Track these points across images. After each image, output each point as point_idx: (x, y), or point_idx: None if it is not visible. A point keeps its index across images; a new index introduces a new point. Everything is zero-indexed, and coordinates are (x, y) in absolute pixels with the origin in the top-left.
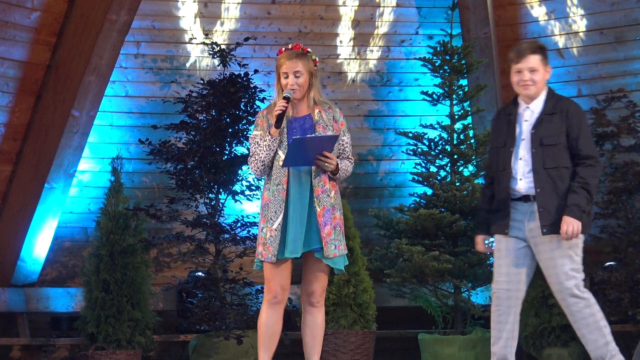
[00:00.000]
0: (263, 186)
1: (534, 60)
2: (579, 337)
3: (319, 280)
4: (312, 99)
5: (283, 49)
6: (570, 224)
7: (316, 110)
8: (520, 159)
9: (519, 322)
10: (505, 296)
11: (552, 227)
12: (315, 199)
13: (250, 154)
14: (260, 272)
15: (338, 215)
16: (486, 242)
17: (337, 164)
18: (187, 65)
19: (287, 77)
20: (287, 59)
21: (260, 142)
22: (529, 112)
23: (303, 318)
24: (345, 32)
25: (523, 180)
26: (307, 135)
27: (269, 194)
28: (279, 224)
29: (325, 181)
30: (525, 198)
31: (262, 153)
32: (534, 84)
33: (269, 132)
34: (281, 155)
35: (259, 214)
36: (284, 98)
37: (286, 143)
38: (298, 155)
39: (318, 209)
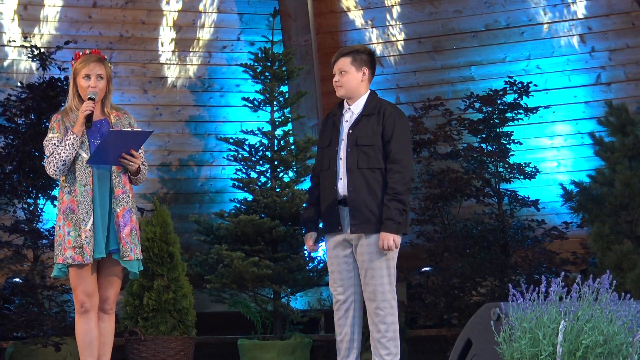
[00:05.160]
0: (60, 190)
1: (342, 62)
2: (371, 339)
3: (113, 285)
4: (108, 103)
5: (80, 53)
6: (386, 239)
7: (113, 115)
8: (341, 158)
9: (360, 325)
10: (342, 299)
11: (361, 226)
12: (114, 200)
13: (47, 155)
14: None
15: (134, 218)
16: (319, 243)
17: (140, 165)
18: (6, 68)
19: (89, 79)
20: (89, 61)
21: (60, 143)
22: (350, 113)
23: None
24: (166, 37)
25: (343, 179)
26: (123, 129)
27: (73, 197)
28: (92, 224)
29: (126, 182)
30: (344, 201)
31: (64, 152)
32: (341, 85)
33: (73, 131)
34: (84, 155)
35: (56, 218)
36: (90, 99)
37: (87, 144)
38: (107, 151)
39: (117, 210)
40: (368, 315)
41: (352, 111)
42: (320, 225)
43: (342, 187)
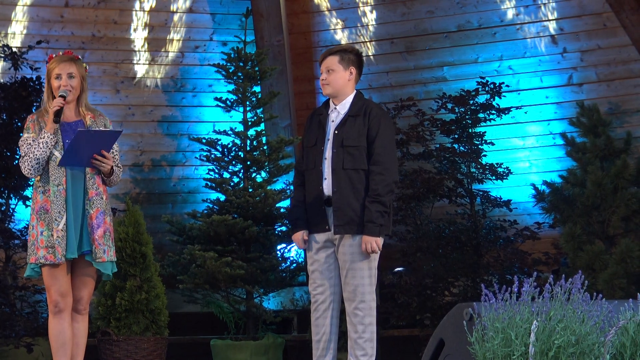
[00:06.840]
0: (34, 190)
1: (330, 60)
2: (348, 339)
3: (86, 286)
4: (84, 104)
5: (54, 54)
6: (368, 242)
7: (88, 116)
8: (326, 158)
9: (337, 325)
10: (321, 300)
11: (344, 227)
12: (87, 202)
13: (22, 154)
14: None
15: (108, 220)
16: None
17: (112, 167)
18: None
19: (60, 79)
20: (60, 61)
21: (34, 142)
22: (336, 113)
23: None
24: (139, 37)
25: (327, 179)
26: (92, 129)
27: (47, 196)
28: (64, 224)
29: (100, 184)
30: (329, 201)
31: (38, 151)
32: (328, 83)
33: (46, 129)
34: (57, 155)
35: (30, 218)
36: (61, 96)
37: (62, 144)
38: (78, 152)
39: (91, 211)
40: (347, 315)
41: (339, 111)
42: None
43: (327, 187)
